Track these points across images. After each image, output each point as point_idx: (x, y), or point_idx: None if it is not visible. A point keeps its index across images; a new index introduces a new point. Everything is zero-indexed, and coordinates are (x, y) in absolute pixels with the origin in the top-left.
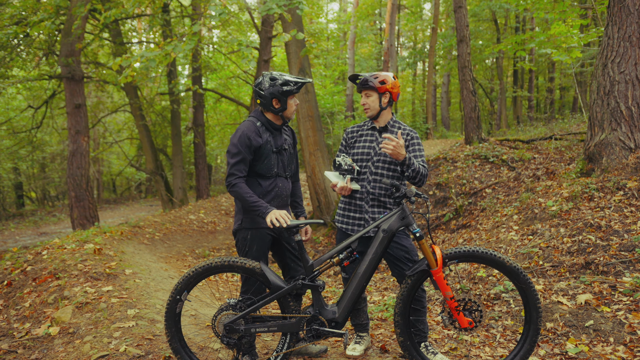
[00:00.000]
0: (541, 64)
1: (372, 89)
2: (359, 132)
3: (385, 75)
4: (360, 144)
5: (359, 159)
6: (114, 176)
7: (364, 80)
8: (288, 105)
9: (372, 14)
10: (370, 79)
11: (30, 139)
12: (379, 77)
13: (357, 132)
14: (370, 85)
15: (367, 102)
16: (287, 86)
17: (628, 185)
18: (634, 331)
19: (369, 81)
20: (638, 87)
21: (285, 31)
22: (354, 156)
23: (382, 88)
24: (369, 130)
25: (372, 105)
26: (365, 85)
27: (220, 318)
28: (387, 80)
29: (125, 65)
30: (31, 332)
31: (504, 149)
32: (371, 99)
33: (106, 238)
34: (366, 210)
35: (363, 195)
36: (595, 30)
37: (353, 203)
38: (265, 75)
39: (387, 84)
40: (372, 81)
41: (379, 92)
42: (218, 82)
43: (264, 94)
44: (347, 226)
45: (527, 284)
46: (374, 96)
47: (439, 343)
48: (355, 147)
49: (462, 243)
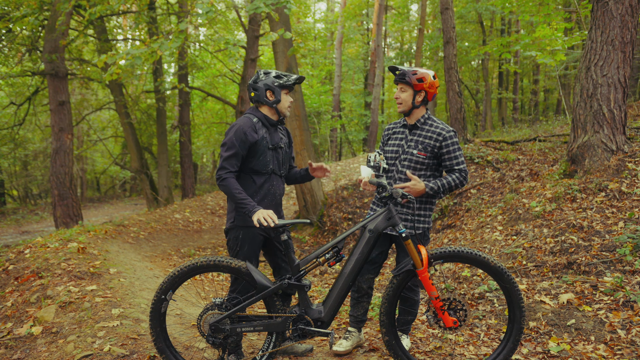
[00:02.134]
0: (526, 66)
1: (408, 84)
2: (393, 130)
3: (425, 73)
4: (392, 141)
5: (389, 157)
6: (98, 174)
7: (402, 73)
8: (282, 98)
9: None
10: (408, 73)
11: (13, 136)
12: (417, 73)
13: (392, 129)
14: (406, 80)
15: (401, 97)
16: (280, 79)
17: (610, 186)
18: (615, 330)
19: (406, 75)
20: (620, 90)
21: (272, 30)
22: (386, 154)
23: (418, 85)
24: (401, 128)
25: (405, 101)
26: (402, 79)
27: (205, 317)
28: (426, 79)
29: (111, 63)
30: (13, 332)
31: (489, 150)
32: (405, 94)
33: (90, 237)
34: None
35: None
36: (579, 34)
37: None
38: (260, 71)
39: (425, 83)
40: (409, 76)
41: (414, 89)
42: (204, 81)
43: (258, 86)
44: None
45: (510, 284)
46: (409, 92)
47: (424, 342)
48: (388, 145)
49: (447, 243)
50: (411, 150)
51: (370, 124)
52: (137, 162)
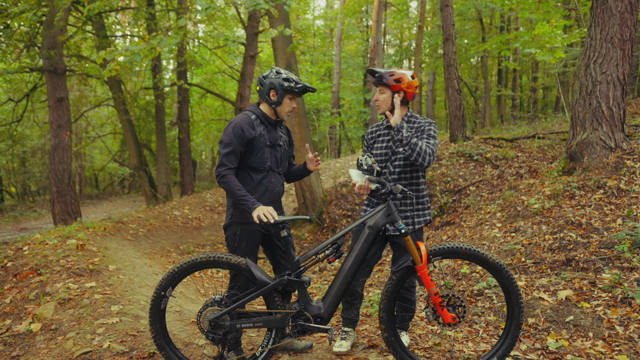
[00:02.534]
0: (525, 63)
1: (386, 86)
2: (377, 133)
3: (402, 74)
4: (378, 144)
5: (378, 160)
6: (97, 171)
7: (379, 76)
8: (284, 101)
9: (358, 11)
10: (385, 75)
11: (11, 133)
12: (395, 74)
13: (376, 132)
14: (384, 82)
15: (379, 99)
16: (288, 82)
17: (608, 184)
18: (613, 326)
19: (383, 78)
20: (619, 87)
21: (272, 27)
22: (375, 157)
23: (396, 86)
24: (385, 130)
25: (384, 102)
26: (380, 81)
27: (205, 314)
28: (403, 79)
29: (110, 59)
30: (12, 329)
31: (488, 147)
32: (384, 96)
33: (89, 234)
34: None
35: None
36: (579, 31)
37: (374, 202)
38: (273, 68)
39: (403, 83)
40: (386, 78)
41: (392, 90)
42: (203, 77)
43: (264, 82)
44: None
45: (509, 280)
46: (387, 94)
47: (423, 338)
48: (375, 148)
49: (446, 240)
50: (399, 149)
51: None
52: (136, 159)
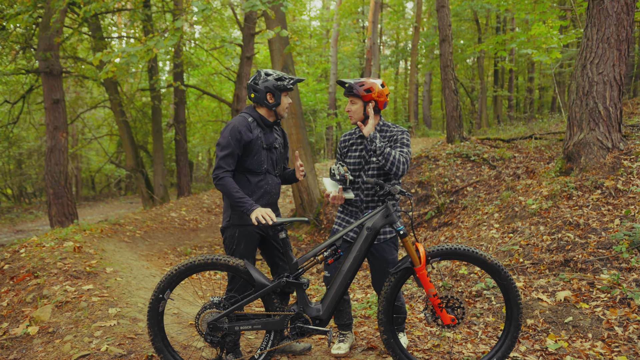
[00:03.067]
0: (521, 64)
1: (357, 96)
2: (350, 142)
3: (372, 83)
4: (352, 153)
5: (352, 169)
6: (93, 173)
7: (349, 86)
8: (282, 100)
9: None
10: (355, 86)
11: (7, 135)
12: (365, 84)
13: (349, 141)
14: (354, 92)
15: (351, 110)
16: (281, 81)
17: (605, 184)
18: (612, 327)
19: (353, 88)
20: (616, 88)
21: (269, 28)
22: (349, 165)
23: (367, 96)
24: (358, 139)
25: (356, 113)
26: (351, 92)
27: (203, 316)
28: (374, 89)
29: (106, 61)
30: (9, 332)
31: (485, 148)
32: (355, 106)
33: (86, 236)
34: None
35: (358, 203)
36: (575, 32)
37: (349, 210)
38: (260, 71)
39: (373, 93)
40: (357, 89)
41: (363, 100)
42: (200, 79)
43: (258, 88)
44: (342, 229)
45: (508, 281)
46: (359, 104)
47: (422, 340)
48: (348, 157)
49: (444, 241)
50: (373, 158)
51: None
52: (133, 161)
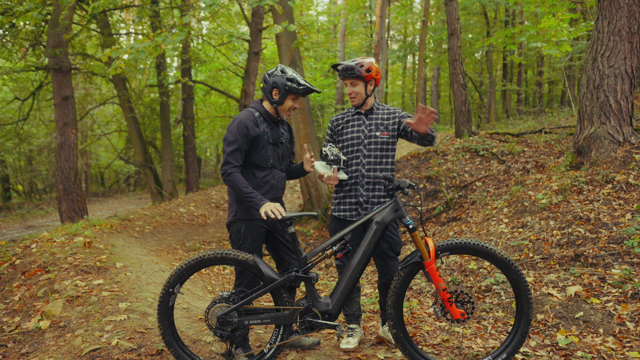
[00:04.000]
0: (530, 57)
1: (358, 77)
2: (345, 119)
3: (370, 63)
4: (348, 129)
5: (349, 144)
6: (102, 169)
7: (349, 68)
8: (285, 101)
9: (362, 6)
10: (356, 67)
11: (17, 131)
12: (364, 64)
13: (343, 119)
14: (356, 74)
15: (354, 91)
16: (291, 82)
17: (616, 178)
18: (623, 322)
19: (355, 70)
20: (627, 81)
21: (276, 23)
22: (344, 142)
23: (368, 76)
24: (355, 116)
25: (359, 93)
26: (352, 74)
27: (213, 311)
28: (372, 68)
29: (115, 57)
30: (21, 326)
31: (494, 142)
32: (358, 87)
33: (96, 231)
34: (361, 194)
35: (358, 179)
36: (585, 25)
37: (347, 189)
38: (279, 66)
39: (372, 72)
40: (358, 70)
41: (365, 80)
42: (207, 75)
43: (268, 80)
44: (343, 213)
45: (518, 276)
46: (361, 84)
47: (431, 335)
48: (344, 134)
49: (453, 236)
50: (373, 132)
51: None
52: (141, 157)
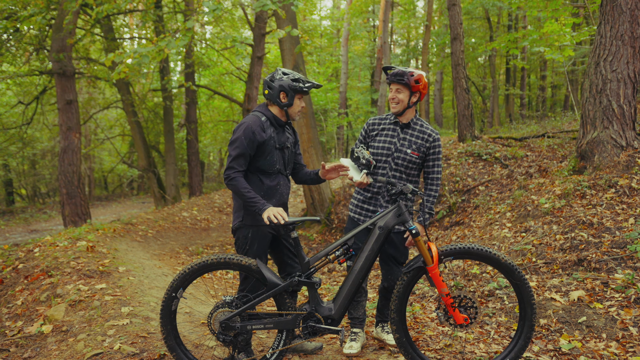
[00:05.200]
0: (533, 62)
1: (406, 85)
2: (381, 126)
3: (420, 75)
4: (381, 137)
5: (378, 153)
6: (106, 173)
7: (399, 73)
8: (294, 102)
9: (365, 11)
10: (407, 75)
11: (21, 136)
12: (414, 74)
13: (379, 124)
14: (405, 81)
15: (398, 97)
16: (297, 82)
17: (620, 182)
18: (626, 327)
19: (405, 76)
20: (630, 85)
21: (279, 27)
22: (374, 149)
23: (415, 87)
24: (391, 125)
25: (402, 101)
26: (401, 80)
27: (216, 315)
28: (421, 80)
29: (118, 61)
30: (24, 330)
31: (496, 147)
32: (402, 94)
33: (99, 235)
34: (381, 204)
35: (380, 189)
36: (588, 29)
37: (368, 196)
38: (278, 70)
39: (421, 84)
40: (408, 78)
41: (412, 90)
42: (211, 79)
43: (273, 85)
44: (359, 216)
45: (521, 281)
46: (405, 93)
47: (434, 340)
48: (376, 141)
49: (456, 240)
50: (405, 149)
51: None
52: (145, 161)
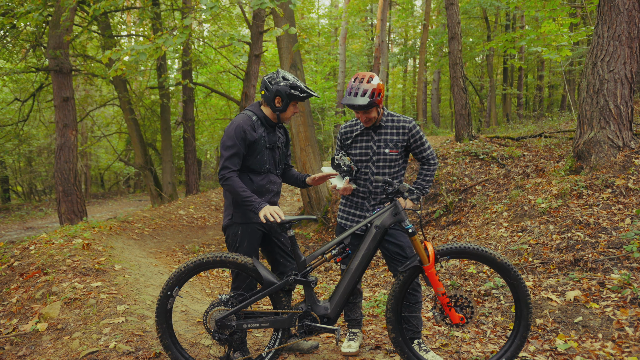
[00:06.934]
0: (531, 62)
1: (375, 106)
2: (354, 133)
3: (378, 85)
4: (357, 144)
5: (358, 160)
6: (102, 170)
7: (364, 106)
8: (288, 109)
9: (363, 9)
10: (373, 100)
11: (17, 132)
12: (374, 89)
13: (351, 132)
14: (375, 104)
15: (369, 117)
16: (295, 90)
17: (616, 183)
18: (622, 327)
19: (373, 103)
20: (627, 85)
21: (277, 26)
22: (353, 157)
23: (379, 101)
24: (364, 130)
25: (374, 117)
26: (372, 105)
27: (211, 314)
28: (381, 88)
29: (115, 59)
30: (19, 328)
31: (494, 146)
32: (373, 113)
33: (95, 233)
34: (367, 208)
35: (365, 194)
36: (585, 29)
37: (354, 201)
38: (279, 72)
39: (382, 92)
40: (375, 100)
41: (378, 104)
42: (208, 77)
43: (270, 88)
44: (346, 222)
45: (518, 280)
46: (374, 109)
47: (430, 339)
48: (353, 148)
49: (452, 240)
50: (382, 150)
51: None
52: (141, 158)
